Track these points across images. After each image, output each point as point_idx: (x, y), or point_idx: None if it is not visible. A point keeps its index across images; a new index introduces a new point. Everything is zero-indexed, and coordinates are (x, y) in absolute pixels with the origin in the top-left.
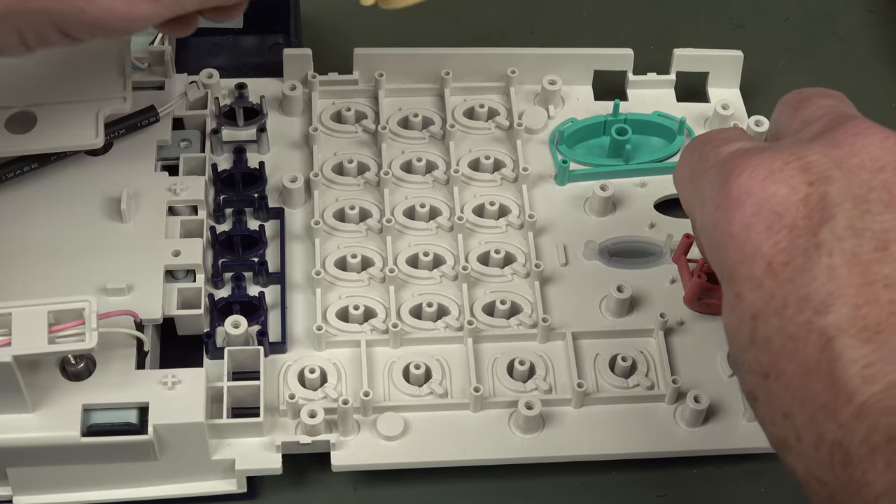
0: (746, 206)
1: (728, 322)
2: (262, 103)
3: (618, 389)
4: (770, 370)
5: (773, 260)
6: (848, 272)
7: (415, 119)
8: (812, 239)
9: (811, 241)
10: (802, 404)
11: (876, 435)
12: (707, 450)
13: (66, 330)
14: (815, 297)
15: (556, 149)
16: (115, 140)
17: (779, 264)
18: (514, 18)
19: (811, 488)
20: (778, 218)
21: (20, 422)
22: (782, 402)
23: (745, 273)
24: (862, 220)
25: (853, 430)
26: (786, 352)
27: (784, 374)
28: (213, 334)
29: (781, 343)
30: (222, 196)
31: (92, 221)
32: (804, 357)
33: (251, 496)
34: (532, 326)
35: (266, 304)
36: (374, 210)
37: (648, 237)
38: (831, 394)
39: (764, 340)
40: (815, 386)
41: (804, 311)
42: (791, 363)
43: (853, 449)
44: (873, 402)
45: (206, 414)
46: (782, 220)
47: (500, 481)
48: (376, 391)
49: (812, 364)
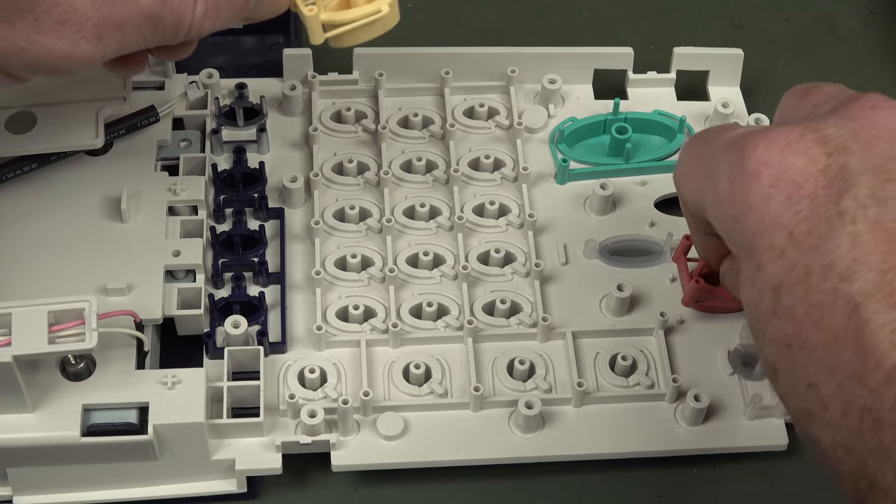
0: (764, 178)
1: (748, 295)
2: (262, 103)
3: (618, 388)
4: (793, 340)
5: (794, 229)
6: (873, 239)
7: (415, 119)
8: (834, 207)
9: (833, 210)
10: (829, 372)
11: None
12: (707, 448)
13: (66, 330)
14: (839, 265)
15: (556, 148)
16: (115, 140)
17: (801, 233)
18: (514, 18)
19: (837, 456)
20: (797, 188)
21: (20, 422)
22: (806, 371)
23: (766, 243)
24: (884, 189)
25: (883, 394)
26: (811, 320)
27: (808, 343)
28: (213, 334)
29: (805, 311)
30: (222, 196)
31: (92, 221)
32: (830, 324)
33: (251, 496)
34: (532, 326)
35: (266, 304)
36: (374, 210)
37: (648, 236)
38: (860, 360)
39: (787, 310)
40: (843, 353)
41: (829, 278)
42: (816, 331)
43: (884, 414)
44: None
45: (206, 414)
46: (802, 190)
47: (501, 481)
48: (376, 391)
49: (839, 331)
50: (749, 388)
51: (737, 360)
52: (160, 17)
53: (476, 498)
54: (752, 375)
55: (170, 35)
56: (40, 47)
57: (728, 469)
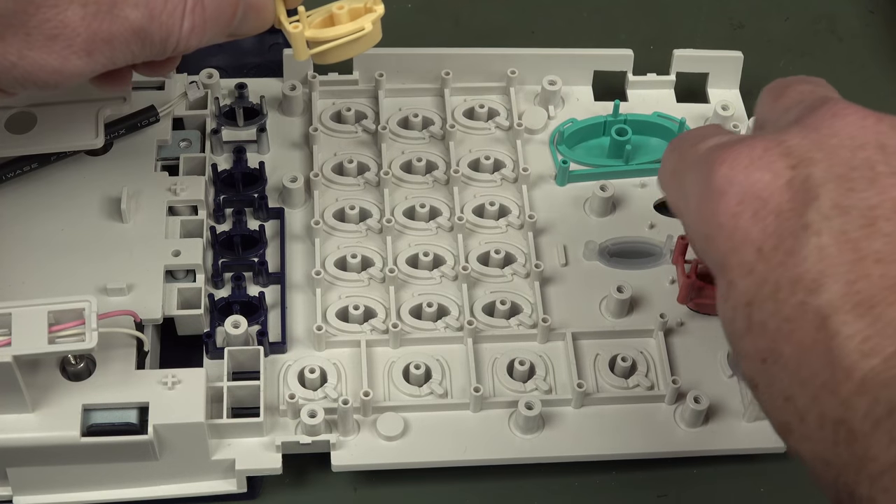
0: (731, 196)
1: (723, 312)
2: (262, 103)
3: (618, 390)
4: (768, 355)
5: (762, 245)
6: (838, 250)
7: (415, 119)
8: (799, 220)
9: (798, 223)
10: (803, 385)
11: (878, 408)
12: (707, 450)
13: (66, 330)
14: (806, 277)
15: (556, 149)
16: (115, 140)
17: (768, 249)
18: (514, 19)
19: (817, 470)
20: (763, 203)
21: (20, 422)
22: (782, 385)
23: (736, 261)
24: (847, 198)
25: (855, 405)
26: (782, 334)
27: (782, 357)
28: (213, 334)
29: (777, 326)
30: (222, 196)
31: (92, 221)
32: (801, 338)
33: (251, 496)
34: (532, 327)
35: (266, 304)
36: (374, 210)
37: (648, 238)
38: (830, 371)
39: (759, 325)
40: (814, 365)
41: (797, 292)
42: (788, 345)
43: (856, 425)
44: (873, 376)
45: (206, 414)
46: (768, 206)
47: (500, 481)
48: (376, 391)
49: (809, 344)
50: (748, 390)
51: (736, 362)
52: (148, 33)
53: (476, 498)
54: None
55: (157, 50)
56: (31, 62)
57: (727, 470)
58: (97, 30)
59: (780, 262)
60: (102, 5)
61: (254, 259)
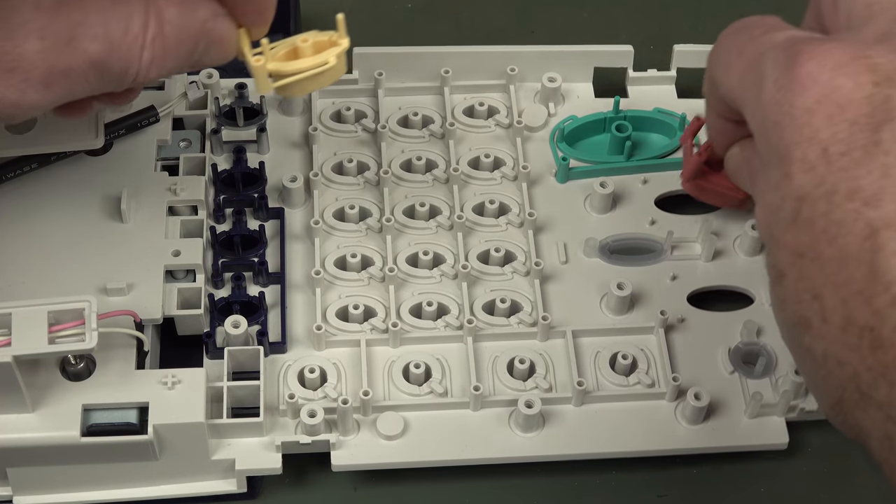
0: (811, 93)
1: (770, 200)
2: (262, 103)
3: (618, 387)
4: (807, 250)
5: (829, 147)
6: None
7: (414, 118)
8: (872, 136)
9: (871, 138)
10: (836, 288)
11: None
12: (708, 447)
13: (66, 330)
14: (866, 190)
15: (556, 146)
16: (115, 140)
17: (835, 153)
18: (514, 18)
19: (827, 366)
20: (841, 110)
21: (20, 422)
22: (813, 282)
23: (799, 155)
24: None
25: (887, 316)
26: (828, 236)
27: (821, 257)
28: (213, 334)
29: (825, 227)
30: (222, 196)
31: (92, 221)
32: (846, 243)
33: (251, 496)
34: (532, 325)
35: (266, 303)
36: (374, 209)
37: (649, 234)
38: (869, 281)
39: (807, 221)
40: (854, 272)
41: (854, 200)
42: (831, 247)
43: (885, 333)
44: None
45: (206, 414)
46: (844, 114)
47: (500, 480)
48: (376, 391)
49: (853, 251)
50: (750, 387)
51: (737, 358)
52: (107, 65)
53: (476, 497)
54: (752, 374)
55: (117, 82)
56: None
57: (728, 469)
58: (55, 63)
59: (842, 167)
60: (60, 38)
61: (254, 259)
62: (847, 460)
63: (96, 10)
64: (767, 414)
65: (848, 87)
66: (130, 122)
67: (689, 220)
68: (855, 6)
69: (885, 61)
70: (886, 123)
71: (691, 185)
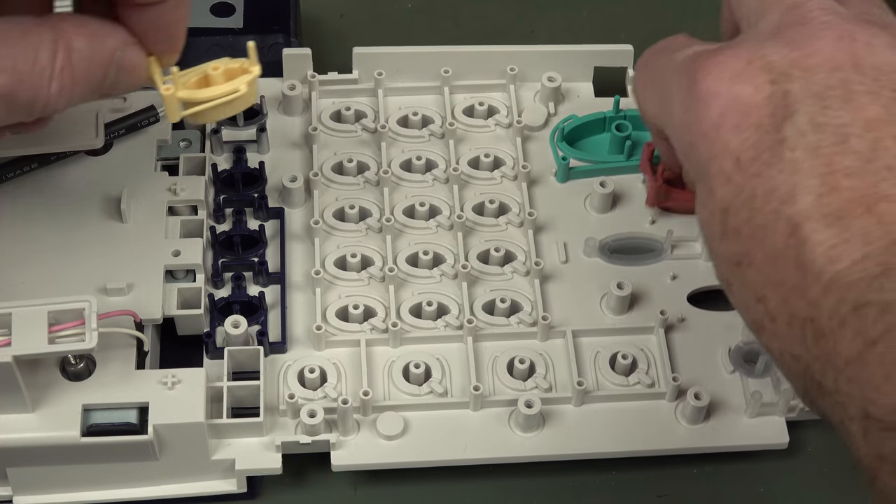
0: (714, 107)
1: (701, 217)
2: (262, 103)
3: (618, 387)
4: (742, 258)
5: (741, 156)
6: (810, 164)
7: (414, 118)
8: (776, 135)
9: (776, 137)
10: (775, 287)
11: (843, 307)
12: (708, 447)
13: (66, 330)
14: (781, 188)
15: (556, 146)
16: (115, 140)
17: (746, 160)
18: (514, 18)
19: (785, 362)
20: (744, 117)
21: (20, 422)
22: (755, 287)
23: (716, 169)
24: (822, 116)
25: (822, 305)
26: (755, 240)
27: (755, 262)
28: (213, 334)
29: (751, 232)
30: (222, 196)
31: (92, 221)
32: (773, 243)
33: (251, 496)
34: (532, 324)
35: (266, 303)
36: (374, 209)
37: (649, 234)
38: (800, 275)
39: (734, 231)
40: (785, 269)
41: (771, 201)
42: (761, 250)
43: (823, 322)
44: (839, 279)
45: (206, 414)
46: (748, 119)
47: (500, 480)
48: (376, 391)
49: (781, 249)
50: (750, 386)
51: (738, 357)
52: (15, 96)
53: (476, 497)
54: (753, 373)
55: (25, 113)
56: None
57: (728, 469)
58: None
59: (756, 173)
60: None
61: (254, 259)
62: (847, 460)
63: (4, 44)
64: (768, 413)
65: (747, 93)
66: (130, 122)
67: (688, 219)
68: (751, 1)
69: (778, 57)
70: (787, 119)
71: (658, 206)
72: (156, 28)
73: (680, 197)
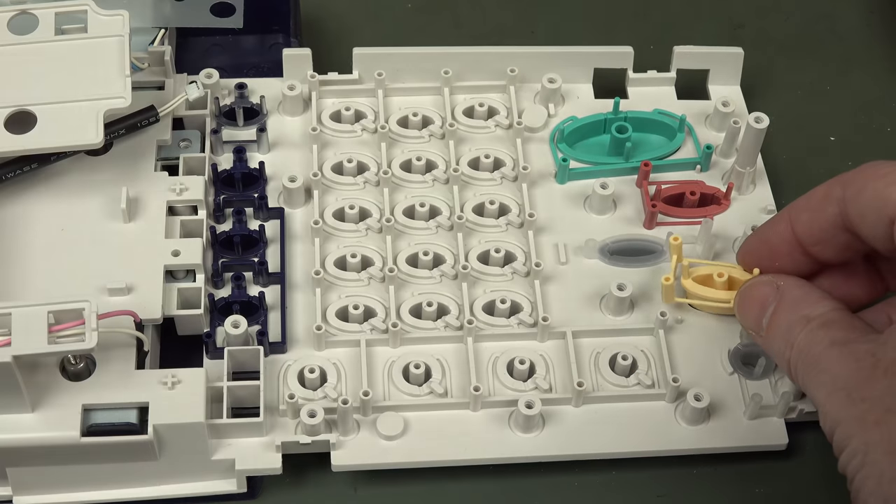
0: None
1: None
2: (262, 103)
3: (618, 388)
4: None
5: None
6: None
7: (414, 118)
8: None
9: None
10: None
11: None
12: (707, 448)
13: (66, 330)
14: None
15: (556, 147)
16: (115, 140)
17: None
18: (514, 19)
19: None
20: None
21: (20, 422)
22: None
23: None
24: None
25: None
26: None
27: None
28: (213, 334)
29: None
30: (222, 196)
31: (92, 221)
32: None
33: (251, 496)
34: (532, 325)
35: (266, 304)
36: (374, 209)
37: (648, 235)
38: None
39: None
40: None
41: None
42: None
43: None
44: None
45: (206, 414)
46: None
47: (500, 481)
48: (376, 391)
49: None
50: (749, 388)
51: (737, 359)
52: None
53: (476, 498)
54: (752, 375)
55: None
56: None
57: (727, 470)
58: None
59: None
60: None
61: (254, 259)
62: None
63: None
64: (767, 415)
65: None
66: (130, 122)
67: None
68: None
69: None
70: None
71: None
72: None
73: (675, 213)
